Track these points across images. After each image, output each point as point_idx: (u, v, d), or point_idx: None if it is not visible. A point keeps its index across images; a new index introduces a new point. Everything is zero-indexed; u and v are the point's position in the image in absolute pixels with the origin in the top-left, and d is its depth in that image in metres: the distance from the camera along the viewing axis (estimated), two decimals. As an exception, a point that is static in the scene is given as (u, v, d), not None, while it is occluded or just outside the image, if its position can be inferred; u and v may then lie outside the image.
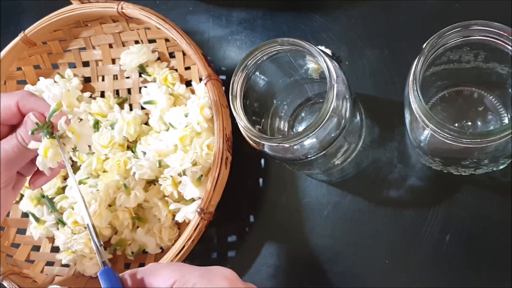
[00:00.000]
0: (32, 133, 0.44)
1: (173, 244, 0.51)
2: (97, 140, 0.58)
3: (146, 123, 0.59)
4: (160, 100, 0.56)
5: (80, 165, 0.59)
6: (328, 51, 0.55)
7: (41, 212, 0.58)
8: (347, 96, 0.42)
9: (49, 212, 0.58)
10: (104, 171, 0.58)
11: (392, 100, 0.53)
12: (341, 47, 0.56)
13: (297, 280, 0.53)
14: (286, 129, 0.53)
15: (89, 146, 0.60)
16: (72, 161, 0.61)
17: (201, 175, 0.52)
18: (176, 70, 0.60)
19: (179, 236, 0.54)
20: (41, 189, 0.60)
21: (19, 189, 0.51)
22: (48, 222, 0.58)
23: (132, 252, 0.56)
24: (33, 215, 0.58)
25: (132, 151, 0.58)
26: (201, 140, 0.52)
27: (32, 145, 0.45)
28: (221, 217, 0.55)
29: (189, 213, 0.52)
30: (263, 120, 0.50)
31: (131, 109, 0.61)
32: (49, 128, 0.45)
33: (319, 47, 0.48)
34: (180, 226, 0.56)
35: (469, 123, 0.47)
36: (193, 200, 0.53)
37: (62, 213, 0.57)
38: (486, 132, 0.35)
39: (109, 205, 0.56)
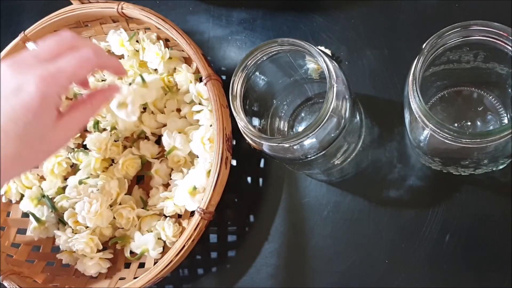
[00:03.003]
0: None
1: (173, 244, 0.51)
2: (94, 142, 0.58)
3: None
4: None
5: (79, 165, 0.59)
6: (328, 51, 0.55)
7: (42, 212, 0.58)
8: (347, 96, 0.42)
9: (49, 212, 0.58)
10: (103, 171, 0.58)
11: (392, 100, 0.53)
12: (341, 47, 0.56)
13: (297, 280, 0.53)
14: (286, 129, 0.53)
15: (85, 147, 0.60)
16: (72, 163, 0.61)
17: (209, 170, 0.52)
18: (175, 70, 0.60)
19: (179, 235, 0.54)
20: (41, 189, 0.60)
21: None
22: (49, 222, 0.58)
23: (131, 252, 0.56)
24: (34, 215, 0.58)
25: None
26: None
27: None
28: (221, 217, 0.55)
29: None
30: (263, 120, 0.50)
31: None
32: None
33: (319, 47, 0.48)
34: (181, 226, 0.56)
35: (469, 123, 0.47)
36: (195, 188, 0.53)
37: (63, 213, 0.57)
38: (486, 132, 0.35)
39: (110, 205, 0.56)
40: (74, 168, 0.61)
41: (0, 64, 0.41)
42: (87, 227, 0.55)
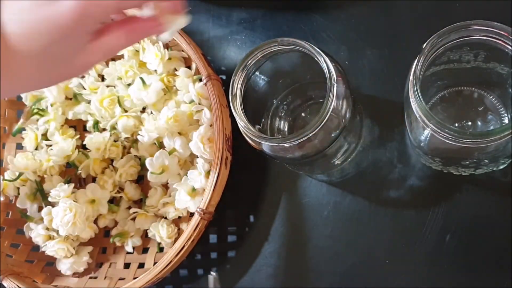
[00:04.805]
0: None
1: (173, 244, 0.51)
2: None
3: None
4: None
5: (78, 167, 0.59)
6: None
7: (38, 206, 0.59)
8: (347, 96, 0.42)
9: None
10: (102, 172, 0.58)
11: (392, 100, 0.53)
12: (341, 47, 0.56)
13: (297, 280, 0.53)
14: (286, 129, 0.53)
15: (85, 147, 0.60)
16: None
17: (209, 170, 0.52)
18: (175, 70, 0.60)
19: (179, 236, 0.54)
20: (36, 182, 0.59)
21: None
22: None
23: (134, 248, 0.56)
24: (21, 212, 0.58)
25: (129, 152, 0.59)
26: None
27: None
28: (221, 217, 0.55)
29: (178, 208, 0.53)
30: (263, 120, 0.50)
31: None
32: None
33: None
34: (180, 227, 0.56)
35: (469, 123, 0.47)
36: (194, 189, 0.53)
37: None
38: (486, 132, 0.35)
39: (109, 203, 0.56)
40: (71, 170, 0.61)
41: None
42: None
